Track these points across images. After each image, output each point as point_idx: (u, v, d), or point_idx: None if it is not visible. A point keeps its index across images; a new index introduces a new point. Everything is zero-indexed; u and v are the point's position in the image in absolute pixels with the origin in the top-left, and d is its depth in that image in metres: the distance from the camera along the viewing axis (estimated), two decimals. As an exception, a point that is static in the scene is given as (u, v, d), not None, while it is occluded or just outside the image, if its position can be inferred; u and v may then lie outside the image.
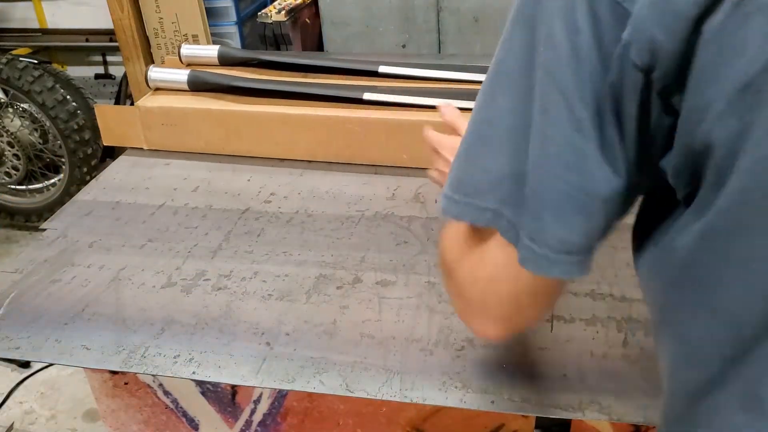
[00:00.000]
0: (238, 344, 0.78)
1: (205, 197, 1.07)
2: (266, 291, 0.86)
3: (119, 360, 0.77)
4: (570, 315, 0.79)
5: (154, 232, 1.00)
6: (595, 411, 0.67)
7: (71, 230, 1.02)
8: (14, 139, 2.47)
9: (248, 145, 1.16)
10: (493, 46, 0.46)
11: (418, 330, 0.78)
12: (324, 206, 1.03)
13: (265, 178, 1.11)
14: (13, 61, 2.40)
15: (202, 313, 0.83)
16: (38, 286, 0.90)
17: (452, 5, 2.01)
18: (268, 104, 1.15)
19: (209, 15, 2.28)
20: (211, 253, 0.94)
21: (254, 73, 1.28)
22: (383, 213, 1.00)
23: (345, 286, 0.86)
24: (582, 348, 0.74)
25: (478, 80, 1.17)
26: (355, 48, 2.15)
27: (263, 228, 0.99)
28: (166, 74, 1.23)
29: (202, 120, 1.17)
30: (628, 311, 0.78)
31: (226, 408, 0.94)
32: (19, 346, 0.81)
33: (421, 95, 1.11)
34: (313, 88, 1.16)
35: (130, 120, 1.20)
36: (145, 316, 0.83)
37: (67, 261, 0.95)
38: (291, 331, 0.79)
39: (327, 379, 0.73)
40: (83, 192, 1.12)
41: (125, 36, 2.30)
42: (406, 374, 0.73)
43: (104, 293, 0.88)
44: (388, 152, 1.10)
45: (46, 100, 2.37)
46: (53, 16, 2.85)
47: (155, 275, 0.90)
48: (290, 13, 2.20)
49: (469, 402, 0.69)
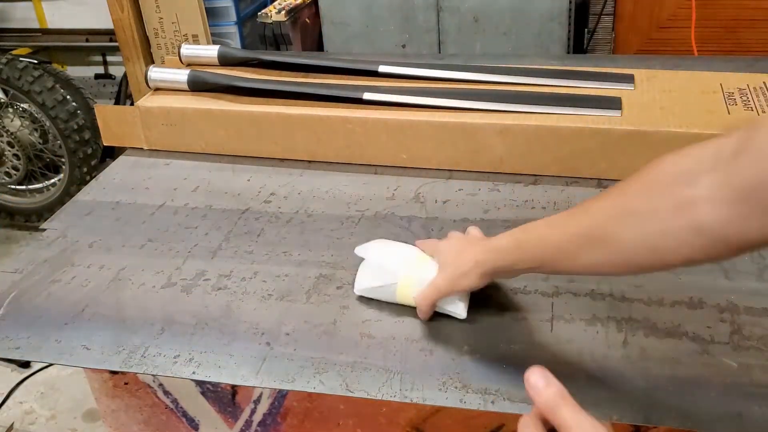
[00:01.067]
0: (238, 344, 0.78)
1: (205, 197, 1.07)
2: (266, 291, 0.86)
3: (119, 360, 0.78)
4: (570, 315, 0.79)
5: (154, 232, 1.00)
6: (595, 411, 0.67)
7: (71, 230, 1.02)
8: (14, 139, 2.47)
9: (248, 145, 1.16)
10: (493, 46, 0.45)
11: (418, 330, 0.78)
12: (324, 206, 1.03)
13: (265, 178, 1.11)
14: (13, 61, 2.40)
15: (202, 313, 0.83)
16: (38, 286, 0.90)
17: (452, 5, 2.01)
18: (268, 104, 1.15)
19: (209, 15, 2.28)
20: (211, 253, 0.94)
21: (254, 73, 1.28)
22: (383, 213, 1.00)
23: (345, 286, 0.86)
24: (582, 348, 0.74)
25: (478, 80, 1.17)
26: (355, 48, 2.15)
27: (263, 228, 0.99)
28: (166, 74, 1.23)
29: (202, 120, 1.17)
30: (628, 311, 0.78)
31: (226, 408, 0.94)
32: (19, 346, 0.81)
33: (421, 95, 1.11)
34: (313, 88, 1.16)
35: (130, 120, 1.20)
36: (145, 316, 0.83)
37: (67, 261, 0.95)
38: (291, 331, 0.79)
39: (327, 379, 0.73)
40: (83, 192, 1.12)
41: (125, 36, 2.30)
42: (406, 374, 0.73)
43: (104, 293, 0.88)
44: (388, 152, 1.10)
45: (46, 100, 2.37)
46: (53, 16, 2.85)
47: (155, 275, 0.90)
48: (290, 13, 2.20)
49: (469, 402, 0.69)
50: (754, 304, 0.78)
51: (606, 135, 1.00)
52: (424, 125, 1.07)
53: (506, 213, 0.97)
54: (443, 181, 1.07)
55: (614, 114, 1.02)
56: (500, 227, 0.94)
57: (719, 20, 2.08)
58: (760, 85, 1.09)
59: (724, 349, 0.72)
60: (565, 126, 1.01)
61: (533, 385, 0.49)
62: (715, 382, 0.69)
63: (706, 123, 0.98)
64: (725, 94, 1.07)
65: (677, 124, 0.98)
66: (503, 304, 0.81)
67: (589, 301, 0.80)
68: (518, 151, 1.04)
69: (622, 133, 0.99)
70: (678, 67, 1.22)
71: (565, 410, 0.47)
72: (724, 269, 0.84)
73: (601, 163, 1.02)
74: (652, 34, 2.17)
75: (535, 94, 1.10)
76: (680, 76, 1.15)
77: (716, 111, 1.02)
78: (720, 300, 0.79)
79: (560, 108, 1.04)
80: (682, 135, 0.97)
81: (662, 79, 1.13)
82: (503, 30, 1.99)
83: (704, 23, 2.05)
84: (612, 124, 1.00)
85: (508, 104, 1.07)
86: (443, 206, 1.00)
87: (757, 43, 2.09)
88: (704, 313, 0.77)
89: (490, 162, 1.06)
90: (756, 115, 1.00)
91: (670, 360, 0.72)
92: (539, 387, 0.49)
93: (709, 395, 0.68)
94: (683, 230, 0.53)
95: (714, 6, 2.06)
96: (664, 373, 0.70)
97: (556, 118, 1.03)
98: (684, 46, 2.06)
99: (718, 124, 0.98)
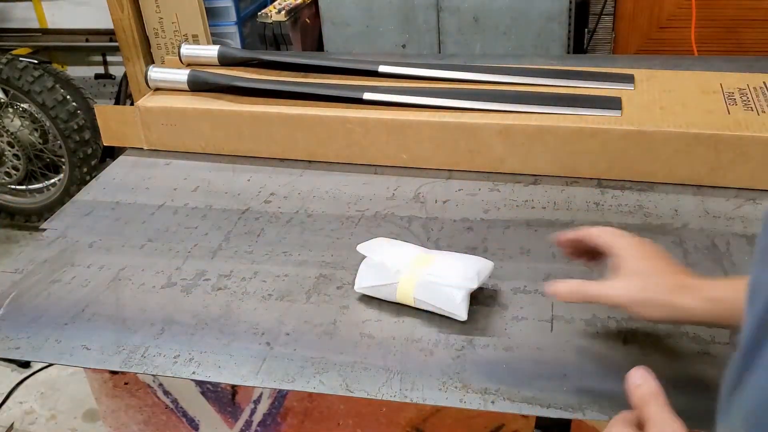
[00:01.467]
0: (238, 344, 0.78)
1: (205, 197, 1.07)
2: (266, 291, 0.86)
3: (119, 360, 0.78)
4: (570, 315, 0.79)
5: (154, 232, 1.00)
6: (595, 411, 0.67)
7: (71, 230, 1.02)
8: (14, 139, 2.47)
9: (248, 145, 1.16)
10: (493, 46, 0.45)
11: (418, 330, 0.78)
12: (324, 206, 1.03)
13: (265, 178, 1.11)
14: (13, 61, 2.40)
15: (202, 313, 0.83)
16: (38, 286, 0.90)
17: (452, 5, 2.01)
18: (268, 104, 1.15)
19: (209, 15, 2.28)
20: (211, 253, 0.94)
21: (254, 73, 1.28)
22: (383, 213, 1.00)
23: (345, 286, 0.86)
24: (582, 348, 0.74)
25: (478, 80, 1.17)
26: (355, 48, 2.15)
27: (263, 228, 0.99)
28: (166, 74, 1.23)
29: (202, 120, 1.17)
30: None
31: (226, 408, 0.94)
32: (19, 346, 0.81)
33: (421, 95, 1.11)
34: (313, 88, 1.16)
35: (130, 120, 1.20)
36: (145, 316, 0.83)
37: (67, 261, 0.95)
38: (291, 331, 0.79)
39: (327, 379, 0.73)
40: (83, 192, 1.12)
41: (125, 36, 2.30)
42: (406, 374, 0.73)
43: (104, 293, 0.88)
44: (388, 152, 1.10)
45: (46, 100, 2.37)
46: (53, 16, 2.85)
47: (155, 275, 0.90)
48: (290, 13, 2.20)
49: (469, 402, 0.69)
50: (754, 304, 0.78)
51: (606, 135, 1.00)
52: (424, 125, 1.07)
53: (506, 213, 0.98)
54: (443, 181, 1.07)
55: (614, 114, 1.02)
56: (500, 227, 0.94)
57: (719, 20, 2.08)
58: (760, 85, 1.09)
59: (724, 350, 0.72)
60: (565, 126, 1.01)
61: (630, 383, 0.53)
62: (716, 383, 0.69)
63: (706, 123, 0.98)
64: (725, 94, 1.07)
65: (677, 124, 0.98)
66: (503, 304, 0.81)
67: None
68: (518, 151, 1.04)
69: (622, 133, 0.99)
70: (678, 67, 1.22)
71: (653, 407, 0.50)
72: (724, 269, 0.84)
73: (601, 163, 1.02)
74: (652, 34, 2.17)
75: (535, 94, 1.10)
76: (680, 76, 1.15)
77: (716, 111, 1.02)
78: (720, 300, 0.79)
79: (560, 108, 1.04)
80: (682, 135, 0.97)
81: (662, 79, 1.13)
82: (503, 30, 1.99)
83: (704, 23, 2.05)
84: (612, 124, 1.00)
85: (508, 104, 1.07)
86: (443, 206, 1.00)
87: (757, 43, 2.09)
88: (704, 313, 0.77)
89: (490, 162, 1.06)
90: (756, 115, 1.00)
91: (670, 360, 0.72)
92: (635, 384, 0.52)
93: (709, 395, 0.68)
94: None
95: (714, 6, 2.06)
96: (664, 373, 0.70)
97: (556, 118, 1.03)
98: (684, 46, 2.06)
99: (718, 124, 0.98)
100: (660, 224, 0.92)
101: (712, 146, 0.97)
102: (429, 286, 0.78)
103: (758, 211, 0.94)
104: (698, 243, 0.88)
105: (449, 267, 0.79)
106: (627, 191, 1.00)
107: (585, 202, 0.98)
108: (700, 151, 0.98)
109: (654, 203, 0.97)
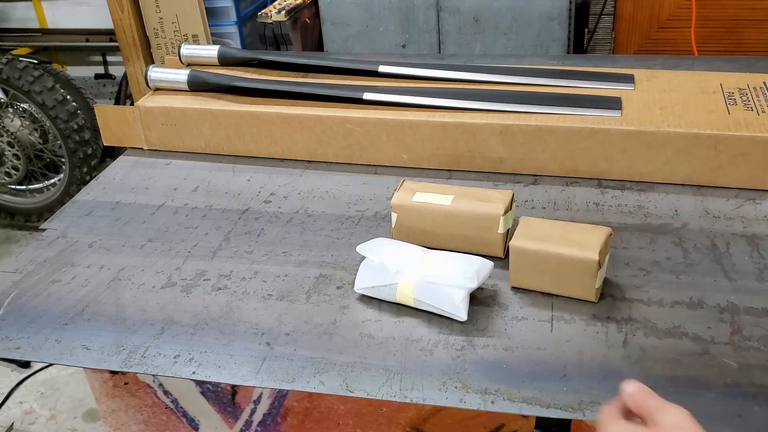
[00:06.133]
0: (238, 344, 0.78)
1: (205, 197, 1.07)
2: (266, 291, 0.86)
3: (119, 360, 0.78)
4: (570, 315, 0.79)
5: (154, 232, 1.00)
6: (595, 411, 0.67)
7: (71, 230, 1.02)
8: (14, 139, 2.47)
9: (248, 145, 1.16)
10: (493, 46, 0.45)
11: (418, 330, 0.78)
12: (324, 206, 1.03)
13: (265, 178, 1.11)
14: (13, 61, 2.40)
15: (202, 313, 0.83)
16: (38, 286, 0.90)
17: (452, 5, 2.01)
18: (268, 104, 1.15)
19: (209, 15, 2.28)
20: (211, 253, 0.94)
21: (254, 73, 1.28)
22: (383, 213, 1.00)
23: (345, 286, 0.86)
24: (582, 348, 0.74)
25: (478, 80, 1.17)
26: (355, 48, 2.15)
27: (263, 228, 0.99)
28: (166, 74, 1.23)
29: (202, 120, 1.17)
30: (628, 311, 0.78)
31: (226, 408, 0.94)
32: (19, 346, 0.81)
33: (421, 95, 1.11)
34: (313, 88, 1.16)
35: (130, 120, 1.20)
36: (145, 316, 0.83)
37: (67, 261, 0.95)
38: (291, 331, 0.79)
39: (327, 379, 0.73)
40: (83, 192, 1.12)
41: (125, 36, 2.31)
42: (406, 374, 0.73)
43: (104, 293, 0.88)
44: (388, 152, 1.10)
45: (46, 100, 2.37)
46: (53, 16, 2.85)
47: (155, 275, 0.90)
48: (290, 13, 2.20)
49: (469, 402, 0.69)
50: (754, 304, 0.78)
51: (606, 135, 1.00)
52: (424, 125, 1.07)
53: (506, 213, 0.97)
54: (443, 181, 1.07)
55: (614, 114, 1.02)
56: (500, 227, 0.94)
57: (719, 20, 2.08)
58: (760, 85, 1.09)
59: (724, 350, 0.72)
60: (565, 126, 1.01)
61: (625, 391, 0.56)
62: (715, 383, 0.69)
63: (706, 123, 0.98)
64: (725, 94, 1.07)
65: (677, 124, 0.98)
66: (503, 304, 0.81)
67: (590, 301, 0.80)
68: (518, 151, 1.04)
69: (622, 133, 0.99)
70: (678, 67, 1.22)
71: (654, 401, 0.54)
72: (724, 269, 0.84)
73: (601, 163, 1.02)
74: (652, 34, 2.17)
75: (535, 94, 1.10)
76: (680, 76, 1.15)
77: (716, 111, 1.02)
78: (720, 300, 0.79)
79: (560, 108, 1.04)
80: (682, 135, 0.97)
81: (662, 79, 1.13)
82: (503, 30, 1.99)
83: (704, 23, 2.05)
84: (612, 124, 1.00)
85: (508, 104, 1.07)
86: (443, 206, 1.00)
87: (757, 43, 2.09)
88: (704, 314, 0.77)
89: (490, 162, 1.06)
90: (756, 115, 1.00)
91: (670, 360, 0.72)
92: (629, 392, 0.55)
93: (709, 395, 0.68)
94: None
95: (714, 6, 2.06)
96: (664, 373, 0.71)
97: (556, 118, 1.03)
98: (684, 46, 2.06)
99: (718, 124, 0.98)
100: (660, 224, 0.92)
101: (712, 146, 0.97)
102: (429, 287, 0.78)
103: (758, 211, 0.94)
104: (698, 243, 0.88)
105: (449, 267, 0.79)
106: (627, 191, 1.00)
107: (585, 202, 0.98)
108: (700, 151, 0.98)
109: (654, 203, 0.97)
